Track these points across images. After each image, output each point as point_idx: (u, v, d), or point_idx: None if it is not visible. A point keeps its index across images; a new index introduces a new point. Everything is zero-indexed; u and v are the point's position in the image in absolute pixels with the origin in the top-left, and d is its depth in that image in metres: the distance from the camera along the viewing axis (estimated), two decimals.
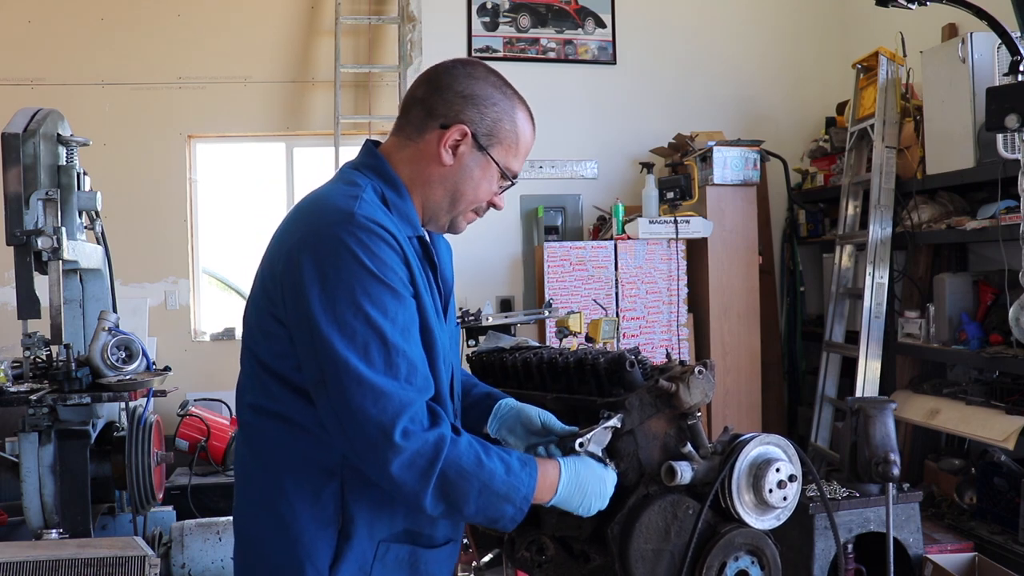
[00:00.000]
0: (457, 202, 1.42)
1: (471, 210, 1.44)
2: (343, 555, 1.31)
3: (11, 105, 3.50)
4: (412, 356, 1.26)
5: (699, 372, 1.35)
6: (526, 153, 1.45)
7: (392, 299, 1.26)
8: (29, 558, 2.46)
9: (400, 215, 1.36)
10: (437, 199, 1.41)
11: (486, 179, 1.41)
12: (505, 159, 1.41)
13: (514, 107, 1.42)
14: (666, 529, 1.32)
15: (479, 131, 1.38)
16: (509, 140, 1.41)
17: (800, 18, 5.36)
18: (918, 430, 4.00)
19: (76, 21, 4.78)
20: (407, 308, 1.28)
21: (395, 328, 1.25)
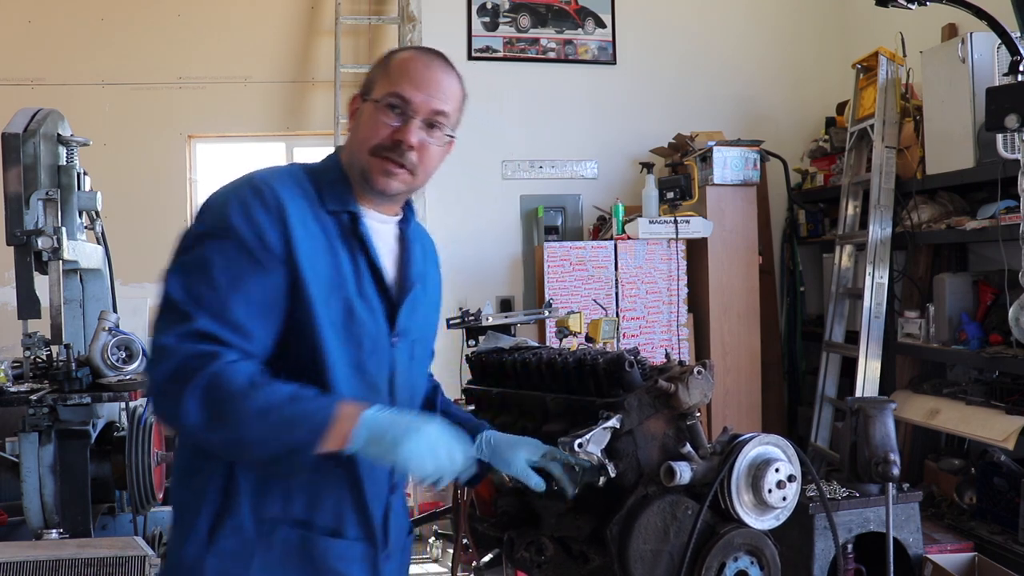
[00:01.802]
0: (357, 154, 1.43)
1: (376, 155, 1.41)
2: (222, 526, 1.32)
3: (11, 105, 3.50)
4: (226, 299, 1.27)
5: (698, 372, 1.35)
6: (413, 77, 1.43)
7: (236, 250, 1.29)
8: (29, 558, 2.46)
9: (330, 192, 1.41)
10: (351, 160, 1.44)
11: (368, 117, 1.42)
12: (383, 90, 1.42)
13: (390, 54, 1.48)
14: (665, 529, 1.32)
15: (361, 91, 1.46)
16: (382, 75, 1.44)
17: (800, 18, 5.36)
18: (918, 430, 4.00)
19: (76, 21, 4.77)
20: (249, 264, 1.29)
21: (225, 273, 1.28)
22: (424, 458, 1.25)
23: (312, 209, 1.38)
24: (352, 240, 1.41)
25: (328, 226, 1.39)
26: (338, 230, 1.40)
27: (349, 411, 1.26)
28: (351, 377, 1.37)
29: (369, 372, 1.39)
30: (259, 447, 1.25)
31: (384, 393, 1.42)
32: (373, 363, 1.40)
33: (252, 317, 1.29)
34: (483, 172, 4.95)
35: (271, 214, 1.31)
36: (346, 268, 1.38)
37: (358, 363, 1.38)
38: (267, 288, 1.30)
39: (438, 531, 3.94)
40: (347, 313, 1.36)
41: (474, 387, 1.79)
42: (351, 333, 1.37)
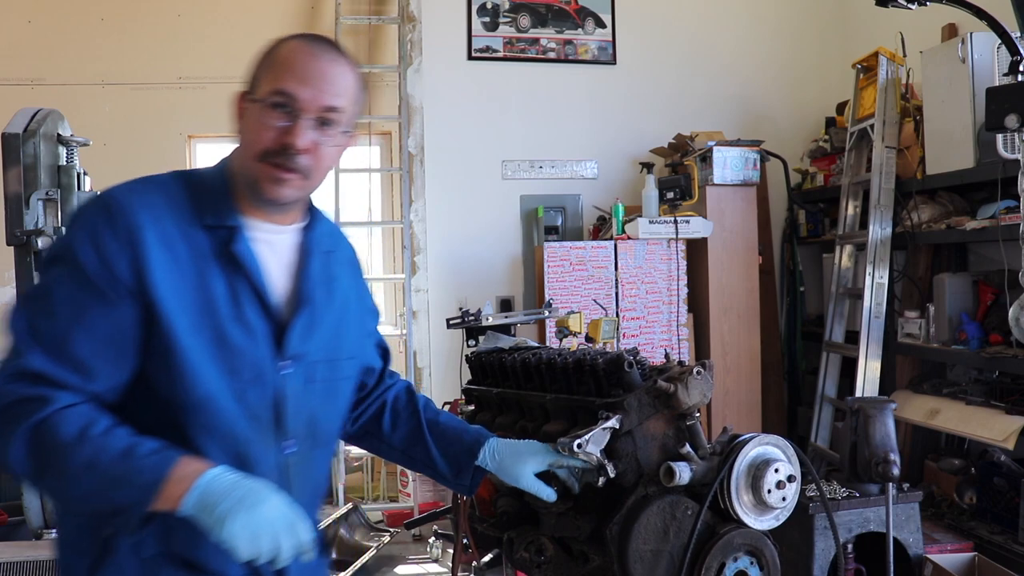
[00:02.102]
0: (245, 161, 1.30)
1: (264, 162, 1.27)
2: (103, 566, 1.23)
3: (11, 105, 3.50)
4: (66, 334, 1.17)
5: (697, 373, 1.35)
6: (299, 71, 1.27)
7: (79, 281, 1.19)
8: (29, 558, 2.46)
9: (207, 203, 1.29)
10: (239, 168, 1.32)
11: (254, 119, 1.28)
12: (267, 87, 1.27)
13: (274, 45, 1.32)
14: (665, 530, 1.32)
15: (247, 89, 1.31)
16: (267, 74, 1.28)
17: (800, 18, 5.36)
18: (918, 430, 4.00)
19: (76, 21, 4.78)
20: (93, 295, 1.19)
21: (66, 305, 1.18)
22: (249, 541, 1.12)
23: (181, 227, 1.25)
24: (226, 259, 1.27)
25: (201, 244, 1.26)
26: (213, 248, 1.27)
27: (186, 472, 1.14)
28: (232, 408, 1.25)
29: (251, 403, 1.27)
30: (84, 502, 1.17)
31: (268, 424, 1.30)
32: (255, 393, 1.28)
33: (96, 354, 1.18)
34: (483, 172, 4.95)
35: (120, 239, 1.19)
36: (218, 291, 1.25)
37: (239, 394, 1.26)
38: (115, 321, 1.19)
39: (438, 531, 3.95)
40: (219, 341, 1.24)
41: (474, 387, 1.79)
42: (226, 362, 1.25)
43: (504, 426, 1.63)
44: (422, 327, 4.81)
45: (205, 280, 1.25)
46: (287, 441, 1.32)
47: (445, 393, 4.53)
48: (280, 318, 1.31)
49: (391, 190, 5.13)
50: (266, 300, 1.30)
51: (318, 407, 1.37)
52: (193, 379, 1.22)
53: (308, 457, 1.37)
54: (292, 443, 1.33)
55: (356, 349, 1.48)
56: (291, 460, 1.33)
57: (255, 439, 1.28)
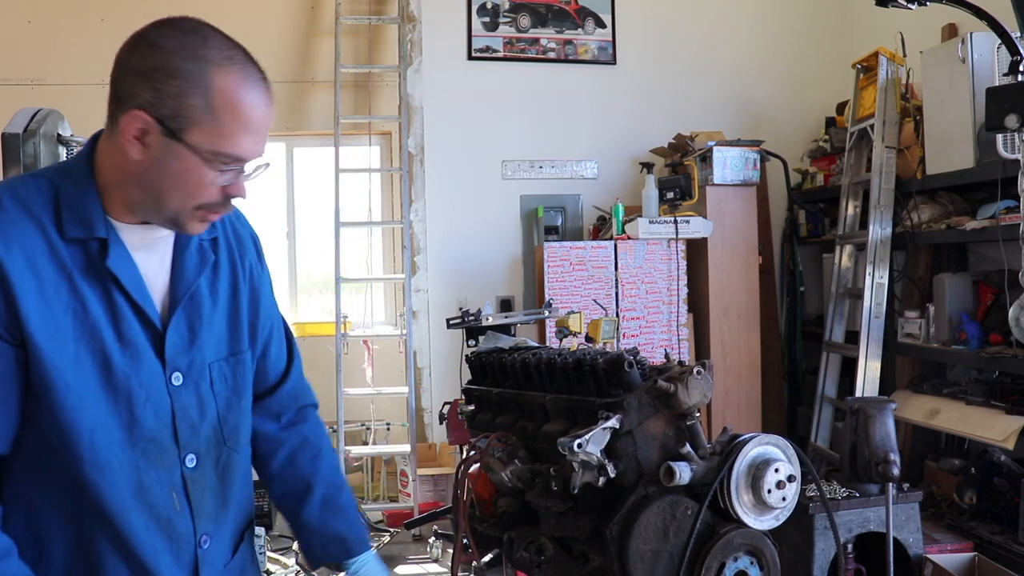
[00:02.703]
0: (163, 201, 1.14)
1: (196, 207, 1.15)
2: None
3: (11, 105, 3.50)
4: None
5: (697, 373, 1.35)
6: (250, 127, 1.12)
7: None
8: None
9: (72, 213, 1.14)
10: (137, 198, 1.15)
11: (190, 172, 1.12)
12: (209, 143, 1.10)
13: (204, 73, 1.10)
14: (664, 529, 1.32)
15: (162, 114, 1.09)
16: (206, 118, 1.09)
17: (800, 18, 5.36)
18: (918, 430, 4.00)
19: (76, 21, 4.78)
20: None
21: None
22: None
23: (47, 242, 1.11)
24: (102, 273, 1.15)
25: (69, 261, 1.13)
26: (84, 263, 1.14)
27: None
28: (122, 439, 1.16)
29: (146, 426, 1.17)
30: None
31: (168, 446, 1.21)
32: (149, 414, 1.18)
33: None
34: (483, 172, 4.96)
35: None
36: (96, 311, 1.13)
37: (130, 420, 1.16)
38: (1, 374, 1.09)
39: (438, 531, 3.95)
40: (104, 366, 1.14)
41: (474, 387, 1.79)
42: (115, 388, 1.14)
43: (504, 426, 1.63)
44: (422, 327, 4.81)
45: (83, 303, 1.13)
46: (187, 456, 1.23)
47: (445, 393, 4.53)
48: (159, 329, 1.20)
49: (391, 190, 5.13)
50: (145, 312, 1.18)
51: (225, 411, 1.28)
52: (77, 416, 1.12)
53: (224, 466, 1.30)
54: (191, 458, 1.24)
55: (258, 333, 1.37)
56: (194, 476, 1.25)
57: (155, 463, 1.20)
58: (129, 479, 1.18)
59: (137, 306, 1.18)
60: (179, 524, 1.23)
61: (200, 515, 1.26)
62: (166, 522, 1.22)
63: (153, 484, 1.20)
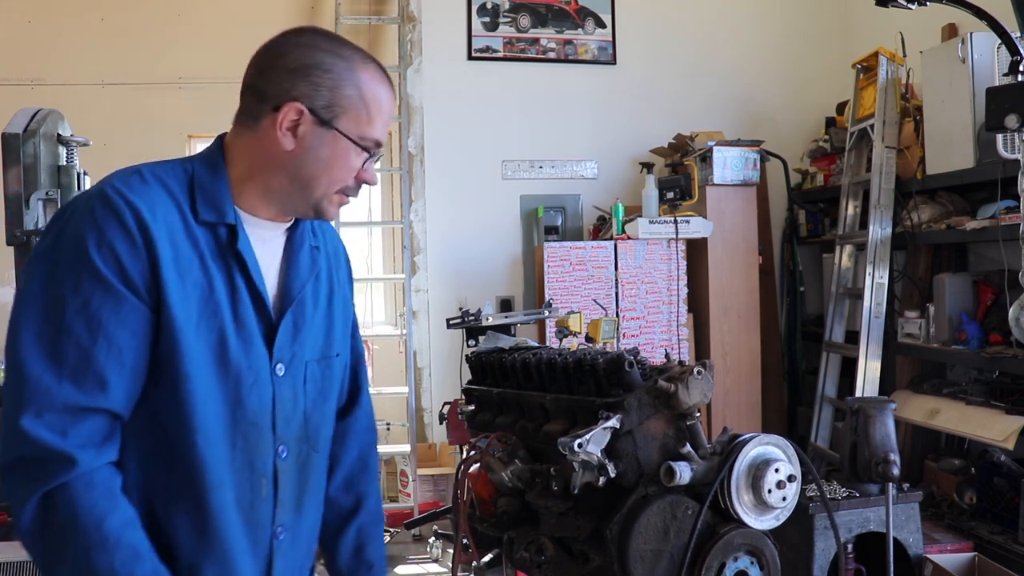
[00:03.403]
0: (311, 186, 1.26)
1: (336, 192, 1.28)
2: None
3: (11, 105, 3.50)
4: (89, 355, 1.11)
5: (698, 372, 1.35)
6: (385, 116, 1.28)
7: (96, 289, 1.12)
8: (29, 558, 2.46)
9: (205, 198, 1.23)
10: (282, 185, 1.27)
11: (339, 156, 1.25)
12: (357, 129, 1.25)
13: (353, 69, 1.25)
14: (665, 529, 1.32)
15: (316, 105, 1.23)
16: (356, 107, 1.24)
17: (800, 18, 5.36)
18: (918, 430, 4.00)
19: (76, 21, 4.78)
20: (113, 305, 1.13)
21: (86, 320, 1.12)
22: None
23: (183, 221, 1.20)
24: (228, 256, 1.23)
25: (201, 241, 1.21)
26: (213, 245, 1.22)
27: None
28: (226, 416, 1.22)
29: (250, 408, 1.24)
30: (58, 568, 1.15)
31: (267, 431, 1.27)
32: (254, 398, 1.25)
33: (120, 371, 1.14)
34: (483, 172, 4.95)
35: (131, 238, 1.14)
36: (220, 292, 1.21)
37: (236, 399, 1.23)
38: (133, 330, 1.15)
39: (438, 531, 3.95)
40: (221, 344, 1.21)
41: (474, 387, 1.79)
42: (227, 367, 1.22)
43: (504, 426, 1.63)
44: (422, 327, 4.81)
45: (210, 281, 1.21)
46: (280, 446, 1.29)
47: (445, 393, 4.53)
48: (272, 319, 1.28)
49: (391, 190, 5.13)
50: (264, 301, 1.26)
51: (312, 410, 1.35)
52: (195, 385, 1.19)
53: (303, 463, 1.35)
54: (283, 448, 1.30)
55: (346, 341, 1.45)
56: (283, 466, 1.30)
57: (253, 445, 1.26)
58: (230, 455, 1.23)
59: (257, 293, 1.26)
60: (261, 510, 1.28)
61: (281, 505, 1.31)
62: (248, 506, 1.26)
63: (244, 467, 1.25)
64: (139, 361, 1.17)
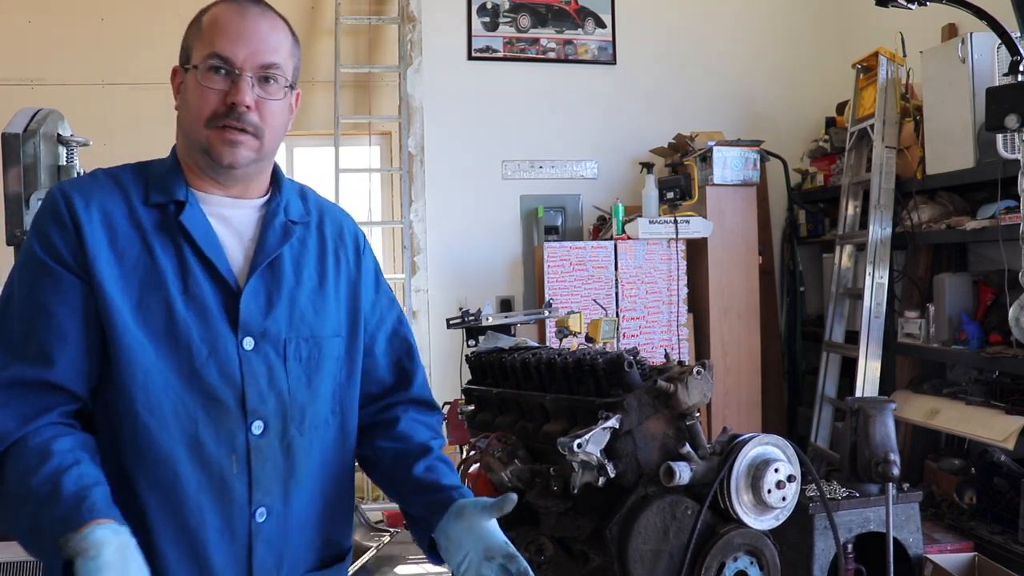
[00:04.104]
0: (190, 130, 1.30)
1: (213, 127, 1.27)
2: None
3: (11, 105, 3.50)
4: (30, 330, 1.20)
5: (697, 373, 1.35)
6: (228, 31, 1.28)
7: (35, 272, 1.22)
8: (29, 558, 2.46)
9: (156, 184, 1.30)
10: (182, 144, 1.34)
11: (194, 87, 1.29)
12: (201, 53, 1.29)
13: (201, 13, 1.34)
14: (665, 529, 1.32)
15: (181, 61, 1.34)
16: (199, 37, 1.30)
17: (800, 18, 5.36)
18: (918, 430, 4.00)
19: (76, 21, 4.77)
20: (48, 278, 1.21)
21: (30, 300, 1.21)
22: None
23: (127, 206, 1.26)
24: (175, 231, 1.26)
25: (144, 220, 1.26)
26: (158, 222, 1.27)
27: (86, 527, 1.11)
28: (179, 387, 1.22)
29: (207, 381, 1.23)
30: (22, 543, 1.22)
31: (233, 407, 1.24)
32: (213, 371, 1.23)
33: (63, 346, 1.20)
34: (483, 172, 4.95)
35: (61, 222, 1.23)
36: (165, 265, 1.24)
37: (191, 371, 1.22)
38: (75, 307, 1.21)
39: None
40: (168, 316, 1.22)
41: (474, 387, 1.79)
42: (176, 339, 1.22)
43: (504, 426, 1.63)
44: (422, 327, 4.80)
45: (152, 256, 1.24)
46: (254, 422, 1.25)
47: (445, 393, 4.51)
48: (235, 291, 1.27)
49: (391, 190, 5.13)
50: (219, 270, 1.26)
51: (296, 388, 1.30)
52: (135, 356, 1.20)
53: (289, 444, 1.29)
54: (259, 424, 1.26)
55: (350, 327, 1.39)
56: (259, 443, 1.26)
57: (214, 420, 1.23)
58: (184, 429, 1.22)
59: (208, 262, 1.26)
60: (234, 487, 1.25)
61: (258, 485, 1.26)
62: (219, 482, 1.24)
63: (210, 441, 1.23)
64: (85, 336, 1.21)
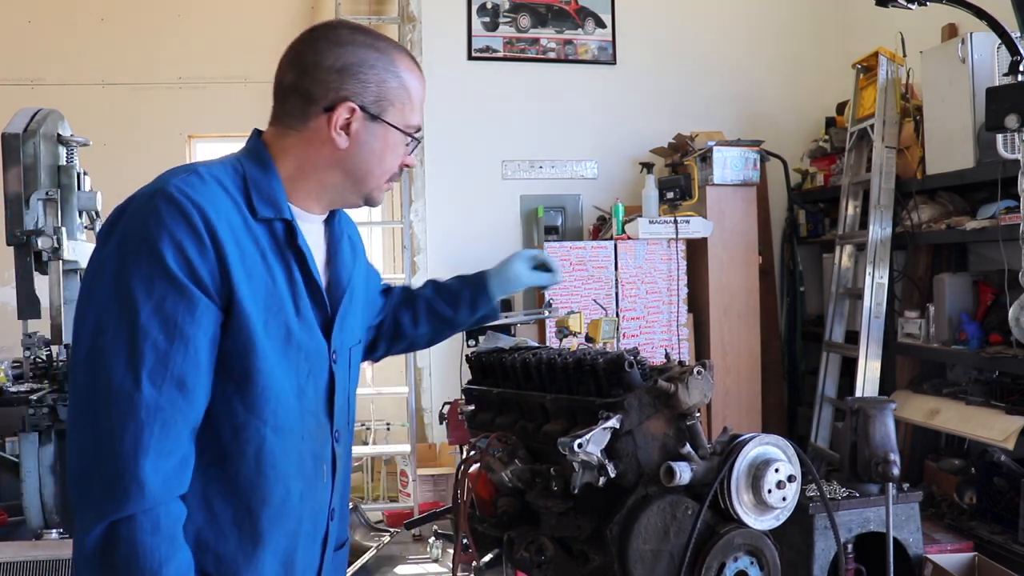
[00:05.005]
0: (365, 179, 1.31)
1: (386, 180, 1.35)
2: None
3: (11, 105, 3.50)
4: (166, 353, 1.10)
5: (698, 373, 1.35)
6: (421, 102, 1.34)
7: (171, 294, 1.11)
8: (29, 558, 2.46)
9: (260, 195, 1.24)
10: (336, 181, 1.30)
11: (389, 147, 1.30)
12: (403, 119, 1.30)
13: (392, 61, 1.29)
14: (665, 530, 1.32)
15: (367, 102, 1.26)
16: (400, 98, 1.29)
17: (800, 18, 5.36)
18: (918, 430, 4.00)
19: (76, 21, 4.78)
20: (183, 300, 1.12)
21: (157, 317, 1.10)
22: None
23: (242, 218, 1.20)
24: (287, 251, 1.25)
25: (260, 238, 1.22)
26: (271, 242, 1.24)
27: None
28: (296, 409, 1.25)
29: (308, 397, 1.27)
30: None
31: (323, 419, 1.30)
32: (312, 386, 1.28)
33: (197, 373, 1.13)
34: (483, 172, 4.95)
35: (199, 238, 1.13)
36: (282, 286, 1.23)
37: (299, 390, 1.26)
38: (208, 332, 1.15)
39: (438, 531, 3.94)
40: (286, 337, 1.23)
41: (474, 387, 1.79)
42: (290, 359, 1.24)
43: (504, 426, 1.63)
44: None
45: (273, 276, 1.23)
46: (336, 431, 1.34)
47: (445, 393, 4.53)
48: (328, 311, 1.32)
49: (391, 190, 5.13)
50: (322, 294, 1.30)
51: (351, 392, 1.41)
52: (269, 381, 1.21)
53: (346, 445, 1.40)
54: (338, 433, 1.34)
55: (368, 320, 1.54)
56: (339, 451, 1.35)
57: (313, 434, 1.29)
58: (297, 447, 1.26)
59: (315, 286, 1.28)
60: (322, 496, 1.32)
61: (336, 490, 1.35)
62: (315, 491, 1.30)
63: (308, 455, 1.28)
64: (211, 365, 1.16)
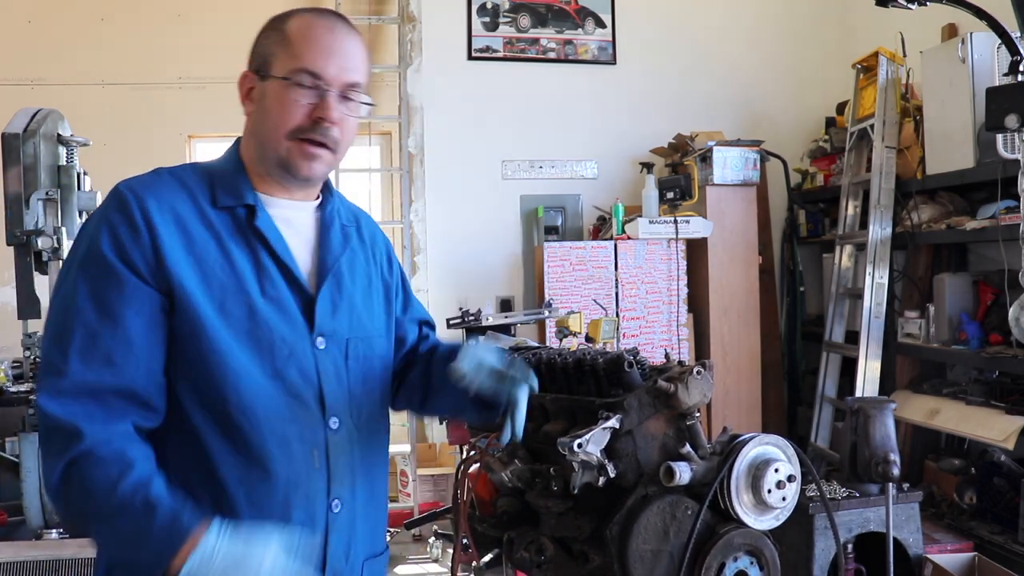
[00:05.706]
0: (268, 140, 1.30)
1: (291, 139, 1.29)
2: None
3: (11, 105, 3.50)
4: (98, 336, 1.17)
5: (698, 373, 1.35)
6: (319, 46, 1.29)
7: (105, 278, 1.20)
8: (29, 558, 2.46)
9: (223, 186, 1.30)
10: (256, 152, 1.33)
11: (277, 99, 1.28)
12: (286, 65, 1.27)
13: (282, 20, 1.31)
14: (665, 530, 1.32)
15: (258, 65, 1.31)
16: (280, 45, 1.29)
17: (800, 18, 5.36)
18: (918, 430, 4.00)
19: (76, 21, 4.78)
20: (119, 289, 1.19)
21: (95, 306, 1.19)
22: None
23: (197, 208, 1.27)
24: (249, 235, 1.29)
25: (216, 224, 1.27)
26: (231, 226, 1.28)
27: (195, 537, 1.11)
28: (268, 387, 1.26)
29: (290, 381, 1.28)
30: (107, 549, 1.22)
31: (312, 405, 1.30)
32: (293, 370, 1.28)
33: (128, 349, 1.19)
34: (483, 172, 4.95)
35: (133, 224, 1.21)
36: (243, 267, 1.27)
37: (274, 371, 1.26)
38: (141, 311, 1.20)
39: (438, 531, 3.95)
40: (251, 319, 1.25)
41: None
42: (258, 339, 1.25)
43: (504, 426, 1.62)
44: None
45: (230, 259, 1.26)
46: (331, 418, 1.32)
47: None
48: (308, 293, 1.32)
49: (391, 190, 5.13)
50: (294, 273, 1.31)
51: (356, 385, 1.38)
52: (226, 360, 1.23)
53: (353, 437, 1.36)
54: (335, 420, 1.33)
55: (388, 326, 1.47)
56: (335, 438, 1.33)
57: (297, 417, 1.28)
58: (273, 428, 1.26)
59: (284, 266, 1.30)
60: (316, 482, 1.31)
61: (335, 478, 1.33)
62: (303, 477, 1.29)
63: (294, 439, 1.28)
64: (149, 345, 1.21)
